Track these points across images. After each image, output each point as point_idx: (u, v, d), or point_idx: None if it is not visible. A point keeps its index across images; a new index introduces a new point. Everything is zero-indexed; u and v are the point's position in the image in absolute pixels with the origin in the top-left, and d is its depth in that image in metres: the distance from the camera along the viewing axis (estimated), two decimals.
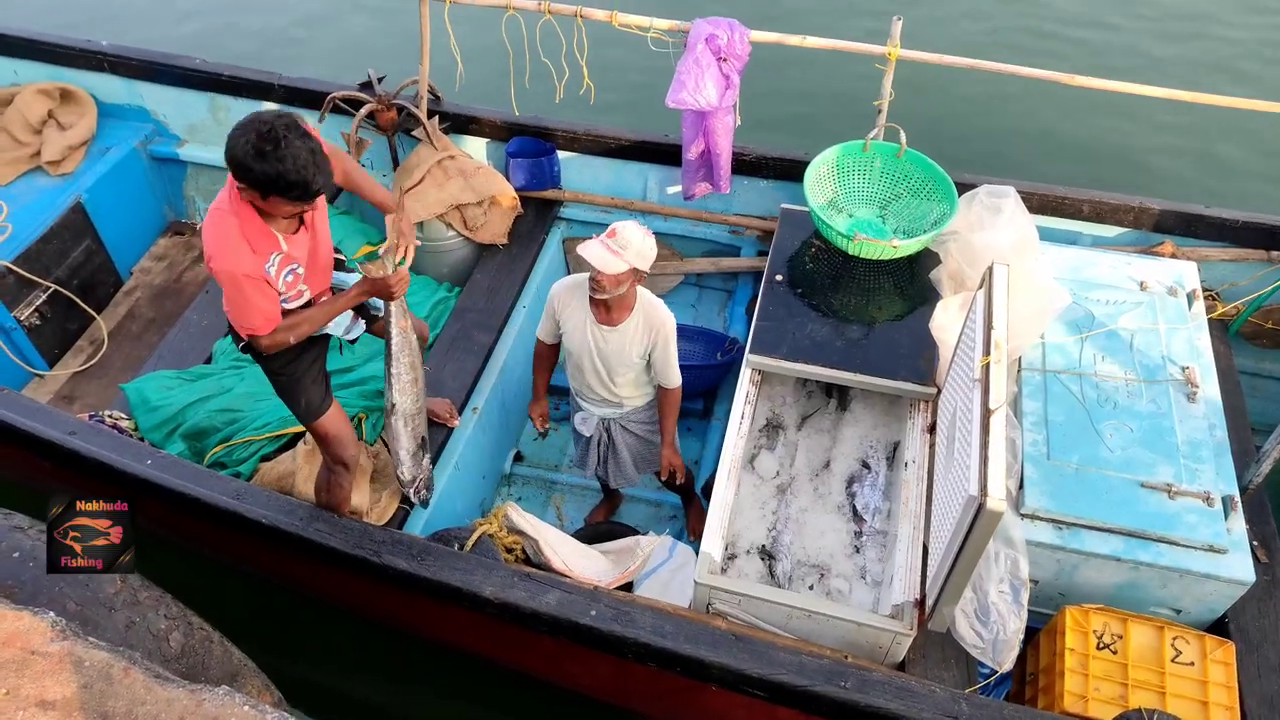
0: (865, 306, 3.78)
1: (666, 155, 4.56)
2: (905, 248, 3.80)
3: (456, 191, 4.45)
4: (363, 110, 4.44)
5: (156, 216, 5.36)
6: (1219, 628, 3.17)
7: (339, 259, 3.18)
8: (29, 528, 2.96)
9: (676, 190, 4.70)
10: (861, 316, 3.74)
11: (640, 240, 3.26)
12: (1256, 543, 3.28)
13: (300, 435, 3.77)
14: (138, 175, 5.14)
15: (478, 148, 4.83)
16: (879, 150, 4.13)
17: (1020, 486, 3.20)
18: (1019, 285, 3.08)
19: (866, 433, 3.83)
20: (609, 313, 3.44)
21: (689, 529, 4.23)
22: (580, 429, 3.84)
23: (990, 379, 2.71)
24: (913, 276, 3.86)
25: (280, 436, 3.80)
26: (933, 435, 3.42)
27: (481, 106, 4.76)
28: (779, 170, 4.50)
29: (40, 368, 4.65)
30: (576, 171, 4.80)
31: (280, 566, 3.82)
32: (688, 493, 4.14)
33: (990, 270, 3.00)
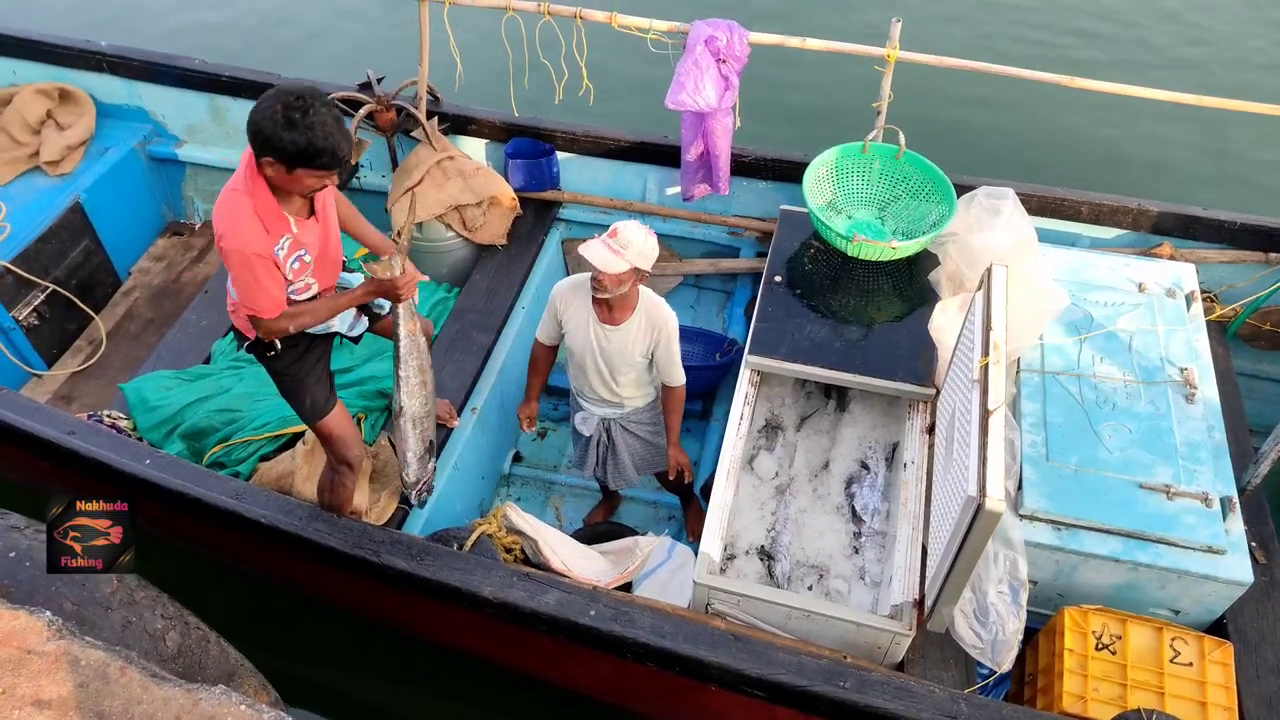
0: (864, 308, 3.78)
1: (665, 156, 4.56)
2: (904, 249, 3.81)
3: (456, 192, 4.45)
4: (362, 111, 4.44)
5: (155, 217, 5.36)
6: (1217, 629, 3.18)
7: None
8: (25, 527, 2.95)
9: (675, 191, 4.70)
10: (860, 317, 3.74)
11: (642, 240, 3.26)
12: (1254, 544, 3.29)
13: (299, 435, 3.77)
14: (136, 176, 5.14)
15: (477, 149, 4.83)
16: (878, 152, 4.14)
17: (1019, 487, 3.21)
18: (1018, 287, 3.09)
19: (865, 433, 3.83)
20: (611, 312, 3.44)
21: (688, 529, 4.23)
22: (580, 428, 3.84)
23: (989, 380, 2.71)
24: (911, 278, 3.87)
25: (279, 436, 3.79)
26: (931, 436, 3.43)
27: (480, 107, 4.76)
28: (778, 172, 4.51)
29: (38, 368, 4.64)
30: (575, 172, 4.80)
31: (279, 566, 3.81)
32: (686, 493, 4.14)
33: (989, 271, 3.01)
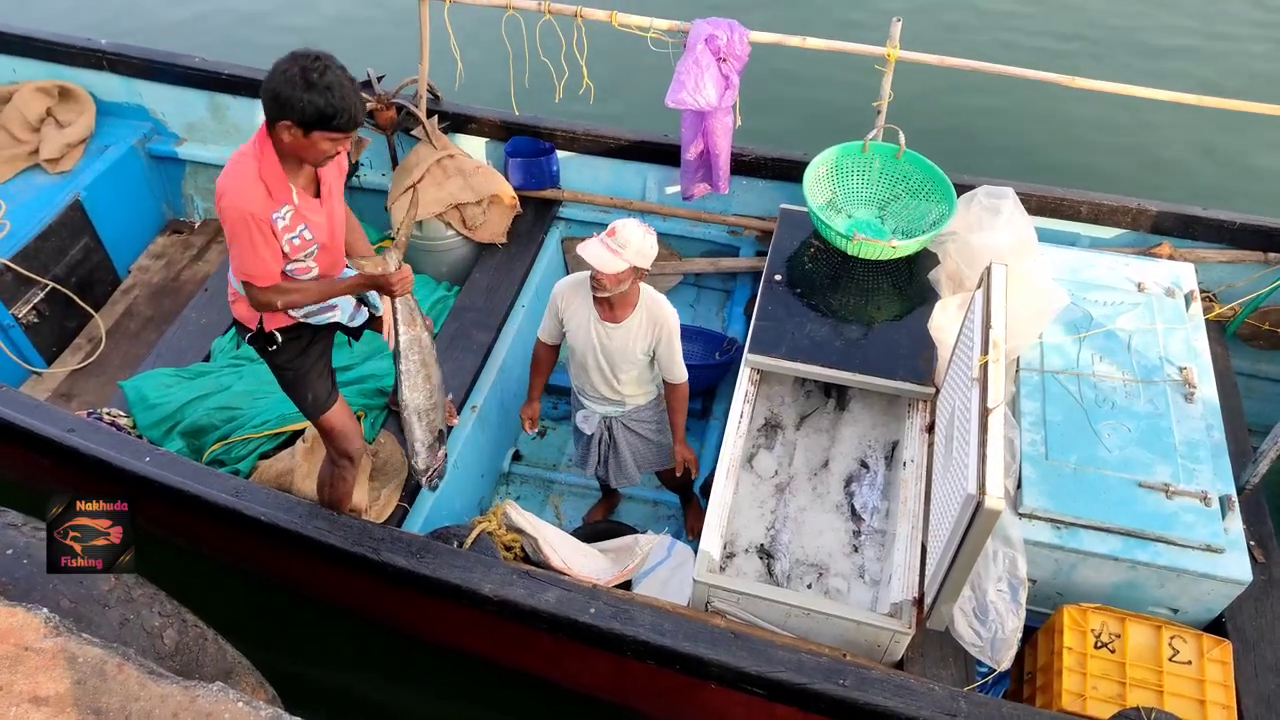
0: (864, 306, 3.78)
1: (665, 155, 4.56)
2: (904, 248, 3.81)
3: (455, 190, 4.45)
4: None
5: (155, 215, 5.35)
6: (1216, 627, 3.18)
7: None
8: (22, 524, 2.95)
9: (675, 190, 4.70)
10: (860, 316, 3.74)
11: (640, 239, 3.25)
12: (1253, 542, 3.29)
13: (298, 433, 3.77)
14: (136, 174, 5.13)
15: (477, 147, 4.83)
16: (878, 151, 4.14)
17: (1018, 486, 3.21)
18: (1017, 286, 3.09)
19: (865, 432, 3.83)
20: (612, 310, 3.44)
21: (687, 528, 4.23)
22: (582, 427, 3.83)
23: (988, 378, 2.71)
24: (911, 277, 3.87)
25: (279, 434, 3.80)
26: (931, 435, 3.43)
27: (481, 106, 4.76)
28: (778, 171, 4.51)
29: (38, 365, 4.64)
30: (575, 171, 4.80)
31: (279, 564, 3.81)
32: (686, 492, 4.14)
33: (989, 270, 3.01)
